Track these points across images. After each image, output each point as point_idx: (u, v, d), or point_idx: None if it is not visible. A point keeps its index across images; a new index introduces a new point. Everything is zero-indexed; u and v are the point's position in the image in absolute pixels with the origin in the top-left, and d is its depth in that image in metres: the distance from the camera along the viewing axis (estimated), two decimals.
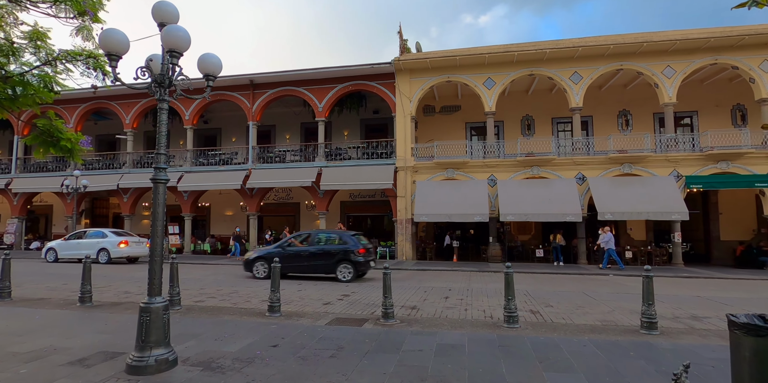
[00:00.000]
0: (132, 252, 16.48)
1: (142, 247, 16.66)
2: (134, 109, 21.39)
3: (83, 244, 16.35)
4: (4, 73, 5.45)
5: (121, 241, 16.21)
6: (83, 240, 16.57)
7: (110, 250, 16.02)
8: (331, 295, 8.72)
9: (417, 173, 18.26)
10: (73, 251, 16.43)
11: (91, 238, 16.50)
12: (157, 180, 4.26)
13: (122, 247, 16.16)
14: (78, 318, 6.32)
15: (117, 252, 16.09)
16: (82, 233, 17.15)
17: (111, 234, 16.55)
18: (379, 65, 18.07)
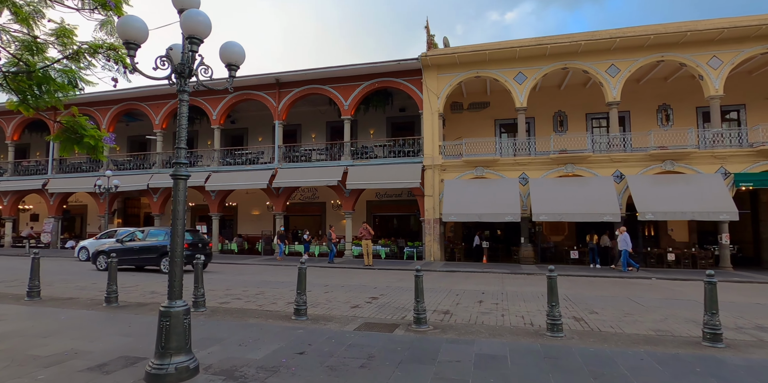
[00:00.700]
0: None
1: None
2: (163, 110, 21.66)
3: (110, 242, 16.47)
4: (27, 67, 5.34)
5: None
6: (109, 239, 16.72)
7: None
8: (360, 298, 8.39)
9: (445, 172, 17.78)
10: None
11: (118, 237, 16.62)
12: (178, 176, 4.00)
13: None
14: (102, 319, 6.18)
15: None
16: (112, 232, 17.46)
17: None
18: (405, 61, 17.68)
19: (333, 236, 17.43)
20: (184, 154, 4.09)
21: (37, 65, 5.29)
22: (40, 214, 27.73)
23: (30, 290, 7.62)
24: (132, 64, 3.91)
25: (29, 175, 24.19)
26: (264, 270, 14.08)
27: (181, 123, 4.06)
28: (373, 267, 14.98)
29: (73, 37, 5.60)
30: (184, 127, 4.08)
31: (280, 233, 18.73)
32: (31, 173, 24.31)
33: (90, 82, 6.07)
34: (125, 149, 25.87)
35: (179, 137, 4.05)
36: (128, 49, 3.84)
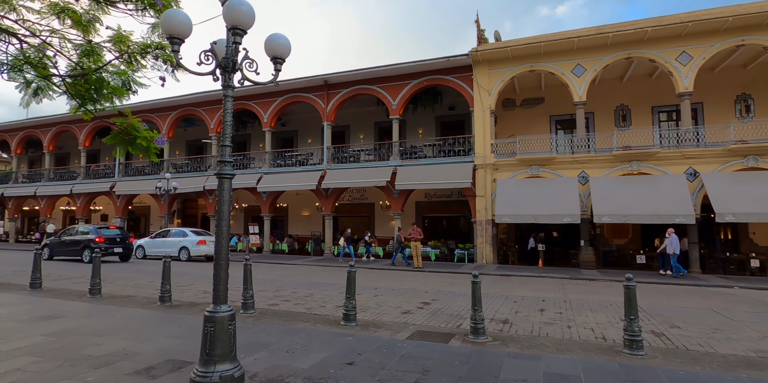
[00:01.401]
0: (209, 251, 17.13)
1: None
2: (217, 115, 22.37)
3: (167, 242, 17.48)
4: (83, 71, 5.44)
5: (200, 240, 17.02)
6: (167, 238, 17.70)
7: (190, 249, 16.91)
8: (411, 303, 8.02)
9: (497, 171, 17.04)
10: (158, 249, 17.60)
11: (173, 237, 17.60)
12: (222, 175, 3.83)
13: (200, 246, 16.94)
14: (155, 318, 6.22)
15: (196, 251, 16.89)
16: (166, 232, 18.29)
17: (191, 234, 17.49)
18: (455, 58, 17.14)
19: (402, 238, 16.58)
20: (229, 152, 3.91)
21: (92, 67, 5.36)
22: (109, 215, 29.59)
23: (92, 288, 7.88)
24: (176, 60, 3.78)
25: (99, 178, 25.83)
26: (313, 271, 14.05)
27: (225, 120, 3.89)
28: (423, 270, 14.57)
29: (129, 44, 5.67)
30: (229, 124, 3.91)
31: (347, 235, 18.12)
32: (100, 176, 25.96)
33: (142, 84, 6.14)
34: (183, 153, 27.04)
35: (224, 134, 3.88)
36: (172, 43, 3.71)
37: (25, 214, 32.43)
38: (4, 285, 9.05)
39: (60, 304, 7.10)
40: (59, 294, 8.09)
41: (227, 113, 3.89)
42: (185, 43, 3.79)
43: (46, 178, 27.46)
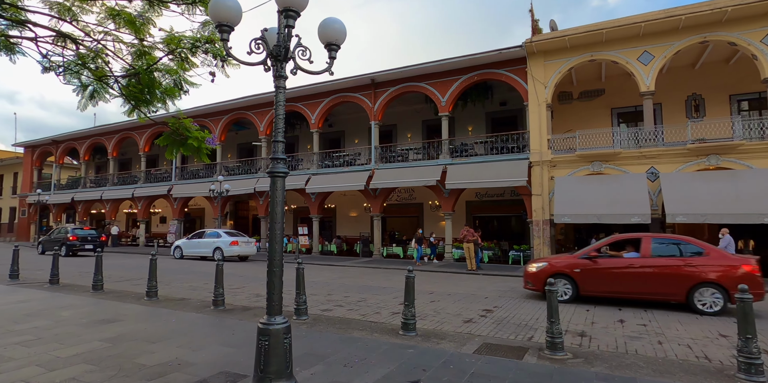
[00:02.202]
0: (241, 252, 17.64)
1: (251, 247, 18.06)
2: (266, 117, 22.68)
3: (202, 243, 18.14)
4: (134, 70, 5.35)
5: (233, 241, 17.42)
6: (202, 239, 18.31)
7: (223, 249, 17.24)
8: (472, 310, 7.46)
9: (555, 168, 16.04)
10: (194, 249, 18.41)
11: (208, 238, 18.17)
12: (275, 173, 3.50)
13: (233, 247, 17.33)
14: (208, 324, 6.05)
15: (229, 251, 17.25)
16: (201, 233, 18.92)
17: (224, 235, 17.88)
18: (507, 50, 16.31)
19: (479, 240, 15.39)
20: (282, 149, 3.59)
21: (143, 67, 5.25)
22: (167, 217, 30.87)
23: (148, 290, 7.92)
24: (225, 49, 3.49)
25: (157, 182, 26.98)
26: (363, 273, 13.75)
27: (277, 113, 3.56)
28: (477, 272, 13.90)
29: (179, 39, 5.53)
30: (281, 118, 3.58)
31: (418, 236, 17.14)
32: (158, 180, 27.11)
33: (193, 83, 6.00)
34: (235, 156, 27.71)
35: (276, 129, 3.55)
36: (221, 32, 3.43)
37: (93, 217, 34.51)
38: (70, 287, 9.35)
39: (118, 307, 7.14)
40: (118, 296, 8.20)
41: (279, 106, 3.56)
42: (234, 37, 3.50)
43: (111, 182, 29.03)
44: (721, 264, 7.78)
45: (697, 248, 8.19)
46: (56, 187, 32.46)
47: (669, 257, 8.23)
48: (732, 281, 7.32)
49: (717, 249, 8.28)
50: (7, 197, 38.81)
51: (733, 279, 7.38)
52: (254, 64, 3.58)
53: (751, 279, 7.22)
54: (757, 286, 7.20)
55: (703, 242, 8.51)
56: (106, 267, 12.10)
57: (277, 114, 3.55)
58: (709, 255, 7.96)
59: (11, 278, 10.37)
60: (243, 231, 27.98)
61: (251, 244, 18.17)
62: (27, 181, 33.94)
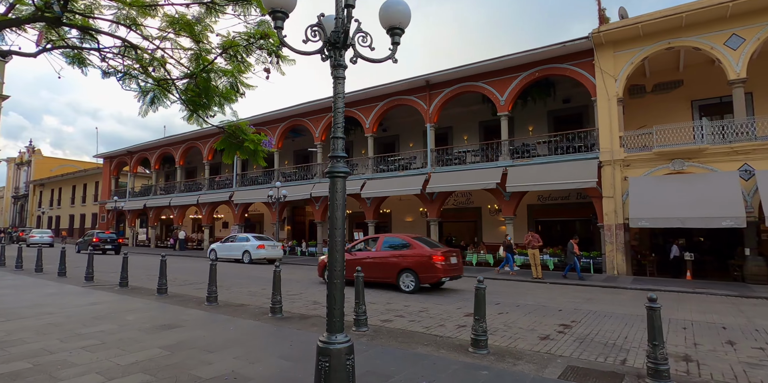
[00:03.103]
0: (267, 255, 18.60)
1: (277, 250, 19.11)
2: (321, 123, 22.87)
3: (233, 247, 19.30)
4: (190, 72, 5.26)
5: (260, 245, 18.48)
6: (234, 243, 19.49)
7: (251, 252, 18.38)
8: (546, 324, 6.75)
9: (629, 167, 14.74)
10: (227, 252, 19.51)
11: (239, 242, 19.36)
12: (335, 173, 3.14)
13: (260, 250, 18.40)
14: (266, 333, 5.83)
15: (256, 254, 18.36)
16: (234, 237, 20.10)
17: (252, 239, 19.03)
18: (572, 42, 15.27)
19: (575, 247, 13.93)
20: (342, 146, 3.21)
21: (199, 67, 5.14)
22: (229, 222, 32.03)
23: (209, 295, 7.91)
24: (279, 38, 3.19)
25: (220, 188, 28.06)
26: None
27: (337, 106, 3.20)
28: (543, 281, 12.96)
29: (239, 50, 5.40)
30: (341, 111, 3.21)
31: (507, 242, 15.66)
32: (221, 187, 28.19)
33: (248, 85, 5.85)
34: (291, 162, 28.26)
35: (335, 124, 3.19)
36: (275, 19, 3.13)
37: (162, 222, 36.59)
38: (137, 290, 9.62)
39: (179, 312, 7.14)
40: (181, 301, 8.27)
41: (338, 98, 3.20)
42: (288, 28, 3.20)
43: (178, 189, 30.59)
44: (417, 255, 10.31)
45: (405, 242, 10.92)
46: (130, 195, 34.74)
47: (389, 250, 10.97)
48: (421, 267, 10.14)
49: (419, 244, 10.69)
50: (89, 204, 42.18)
51: (421, 266, 10.14)
52: (310, 53, 3.25)
53: (431, 266, 10.02)
54: (436, 271, 9.99)
55: (411, 238, 11.02)
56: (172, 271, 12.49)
57: (336, 107, 3.19)
58: (413, 248, 10.55)
59: (86, 280, 10.89)
60: (300, 236, 28.42)
61: (277, 248, 19.18)
62: (106, 189, 36.63)
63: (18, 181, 55.60)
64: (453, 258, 10.67)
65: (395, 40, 3.38)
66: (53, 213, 48.02)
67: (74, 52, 6.16)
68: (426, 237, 12.38)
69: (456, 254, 10.97)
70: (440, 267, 9.95)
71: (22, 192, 53.90)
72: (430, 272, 10.03)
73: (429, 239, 12.21)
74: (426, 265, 10.05)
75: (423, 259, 10.16)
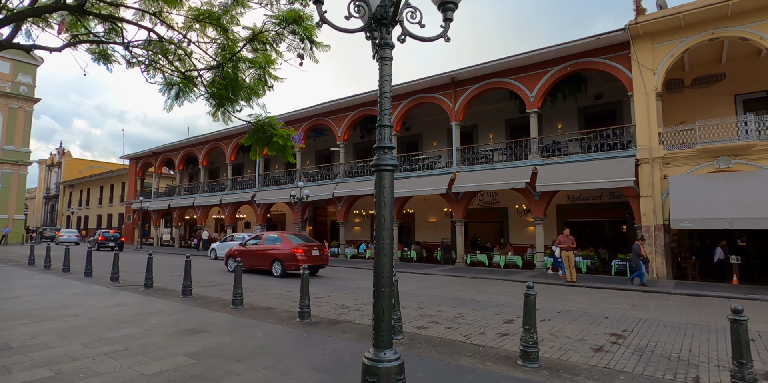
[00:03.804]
0: None
1: None
2: (344, 122, 22.58)
3: (231, 246, 19.57)
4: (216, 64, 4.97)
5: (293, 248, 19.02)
6: (232, 242, 20.27)
7: None
8: (596, 334, 6.23)
9: (668, 166, 13.97)
10: (224, 251, 19.57)
11: (235, 241, 20.15)
12: (382, 166, 2.75)
13: None
14: (295, 340, 5.49)
15: None
16: (231, 237, 21.32)
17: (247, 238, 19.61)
18: (607, 35, 14.57)
19: (642, 250, 12.72)
20: (389, 135, 2.83)
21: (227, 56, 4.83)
22: (251, 222, 32.09)
23: (234, 298, 7.64)
24: (320, 14, 2.83)
25: (242, 189, 28.10)
26: (450, 282, 12.78)
27: (383, 90, 2.82)
28: (579, 285, 12.34)
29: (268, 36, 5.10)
30: (388, 96, 2.83)
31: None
32: (243, 187, 28.21)
33: (276, 77, 5.52)
34: (313, 162, 28.09)
35: (382, 110, 2.81)
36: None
37: (186, 223, 36.97)
38: (161, 292, 9.45)
39: (205, 315, 6.88)
40: (206, 303, 8.03)
41: (385, 81, 2.82)
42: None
43: (201, 190, 30.79)
44: (284, 248, 13.38)
45: (279, 238, 14.01)
46: (155, 195, 35.19)
47: (268, 245, 14.10)
48: (286, 258, 13.15)
49: (288, 239, 13.65)
50: (116, 204, 43.00)
51: (286, 257, 13.14)
52: (354, 30, 2.88)
53: (293, 257, 12.95)
54: (297, 261, 12.81)
55: (284, 235, 14.15)
56: (196, 271, 12.34)
57: (382, 92, 2.81)
58: (283, 243, 13.59)
59: (112, 280, 10.81)
60: (321, 237, 28.24)
61: None
62: (132, 190, 37.22)
63: (49, 182, 57.22)
64: (315, 251, 13.53)
65: (447, 16, 2.98)
66: (82, 214, 49.17)
67: (99, 48, 5.96)
68: (300, 235, 15.48)
69: (318, 248, 13.87)
70: (300, 258, 12.90)
71: (53, 193, 55.43)
72: (292, 262, 13.00)
73: (303, 236, 15.35)
74: (289, 256, 13.09)
75: (288, 252, 13.18)
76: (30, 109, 32.92)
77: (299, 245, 13.24)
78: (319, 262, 13.56)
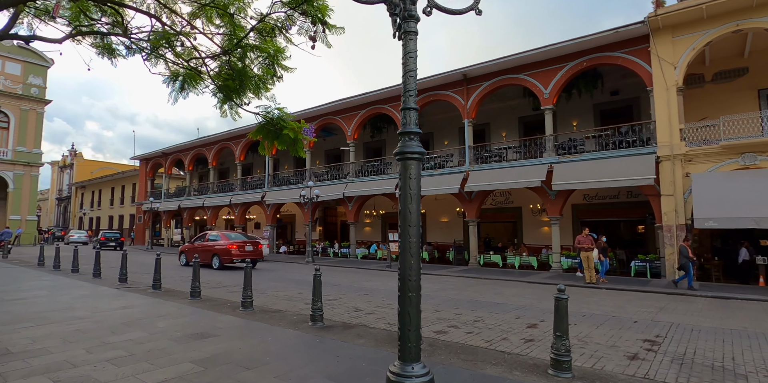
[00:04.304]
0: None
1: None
2: (354, 121, 22.31)
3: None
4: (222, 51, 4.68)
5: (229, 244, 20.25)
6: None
7: None
8: (628, 340, 5.84)
9: (691, 163, 13.47)
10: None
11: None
12: (408, 154, 2.44)
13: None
14: (308, 345, 5.19)
15: None
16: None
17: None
18: (625, 28, 14.10)
19: (690, 251, 11.71)
20: (415, 119, 2.52)
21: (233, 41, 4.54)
22: (261, 223, 31.94)
23: (244, 300, 7.37)
24: None
25: (251, 189, 27.94)
26: (465, 284, 12.41)
27: (408, 69, 2.51)
28: (598, 286, 11.90)
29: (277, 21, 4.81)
30: (413, 75, 2.52)
31: (602, 244, 13.40)
32: (253, 188, 28.05)
33: (287, 67, 5.23)
34: (323, 162, 27.85)
35: (407, 91, 2.49)
36: None
37: (196, 223, 36.96)
38: (169, 293, 9.22)
39: (213, 318, 6.61)
40: (214, 305, 7.77)
41: (409, 58, 2.51)
42: None
43: (211, 190, 30.71)
44: (221, 244, 15.83)
45: (218, 236, 16.51)
46: (166, 196, 35.22)
47: (210, 242, 16.52)
48: (222, 253, 15.60)
49: (225, 237, 16.23)
50: (127, 205, 43.20)
51: (222, 252, 15.60)
52: (374, 2, 2.56)
53: (228, 252, 15.50)
54: (231, 255, 15.46)
55: (222, 233, 16.75)
56: (205, 273, 12.11)
57: (407, 70, 2.50)
58: (221, 240, 16.08)
59: (120, 281, 10.61)
60: (331, 237, 27.99)
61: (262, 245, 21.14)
62: (142, 191, 37.32)
63: (61, 184, 57.78)
64: (248, 246, 16.04)
65: None
66: (94, 215, 49.51)
67: (103, 42, 5.72)
68: (240, 233, 18.61)
69: (253, 244, 16.35)
70: (234, 253, 15.42)
71: (65, 194, 55.94)
72: (227, 256, 15.49)
73: (242, 234, 18.25)
74: (225, 251, 15.55)
75: (224, 247, 15.62)
76: (41, 110, 33.10)
77: (234, 242, 15.79)
78: (252, 256, 15.69)
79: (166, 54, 4.89)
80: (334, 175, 23.75)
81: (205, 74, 5.07)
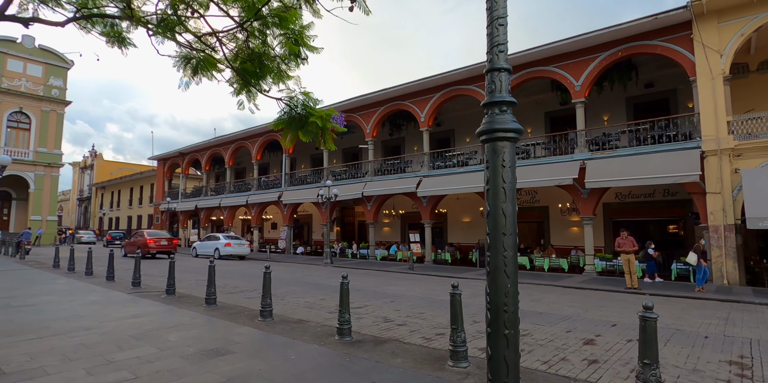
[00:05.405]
0: (234, 252, 21.57)
1: (244, 248, 21.96)
2: (373, 118, 21.65)
3: (208, 245, 22.58)
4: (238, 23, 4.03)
5: (227, 243, 21.65)
6: (209, 242, 22.81)
7: (220, 249, 21.46)
8: (704, 360, 5.02)
9: (740, 158, 12.44)
10: (204, 249, 22.73)
11: (211, 240, 22.84)
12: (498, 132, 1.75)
13: (227, 248, 21.42)
14: (337, 366, 4.51)
15: (224, 251, 21.41)
16: (209, 236, 23.74)
17: (222, 238, 22.38)
18: (665, 14, 13.11)
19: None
20: (507, 85, 1.83)
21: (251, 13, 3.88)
22: (278, 223, 31.53)
23: (263, 309, 6.73)
24: None
25: (268, 188, 27.49)
26: None
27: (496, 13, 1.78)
28: (642, 292, 10.99)
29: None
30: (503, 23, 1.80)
31: (701, 247, 12.00)
32: (269, 187, 27.59)
33: (314, 47, 4.57)
34: (340, 161, 27.26)
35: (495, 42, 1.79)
36: None
37: (213, 223, 36.78)
38: (184, 299, 8.66)
39: (230, 330, 5.99)
40: (231, 314, 7.16)
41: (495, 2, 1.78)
42: None
43: (227, 190, 30.38)
44: (143, 239, 20.56)
45: (143, 233, 21.22)
46: (183, 196, 35.09)
47: (139, 238, 21.19)
48: (142, 245, 20.22)
49: (146, 233, 21.15)
50: (145, 205, 43.33)
51: (143, 245, 20.23)
52: None
53: (146, 245, 20.15)
54: (149, 247, 20.23)
55: (146, 231, 21.56)
56: (221, 275, 11.57)
57: (494, 17, 1.78)
58: (144, 236, 20.75)
59: (133, 286, 10.13)
60: (349, 238, 27.39)
61: (244, 246, 22.10)
62: (160, 191, 37.28)
63: (82, 184, 58.47)
64: (164, 241, 20.87)
65: None
66: (113, 215, 49.88)
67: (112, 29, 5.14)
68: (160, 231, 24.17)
69: (168, 240, 21.22)
70: (151, 246, 20.17)
71: (86, 195, 56.56)
72: (146, 248, 20.00)
73: (161, 232, 23.32)
74: (144, 245, 20.11)
75: (144, 241, 20.26)
76: (62, 111, 33.23)
77: (152, 237, 20.61)
78: (166, 248, 20.77)
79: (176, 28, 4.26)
80: (352, 173, 23.12)
81: (221, 55, 4.44)
